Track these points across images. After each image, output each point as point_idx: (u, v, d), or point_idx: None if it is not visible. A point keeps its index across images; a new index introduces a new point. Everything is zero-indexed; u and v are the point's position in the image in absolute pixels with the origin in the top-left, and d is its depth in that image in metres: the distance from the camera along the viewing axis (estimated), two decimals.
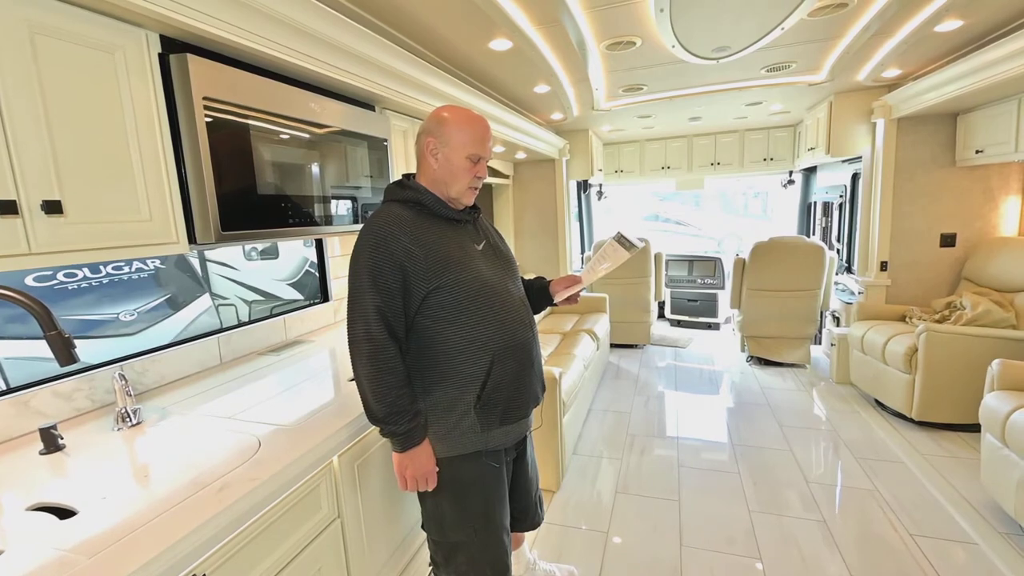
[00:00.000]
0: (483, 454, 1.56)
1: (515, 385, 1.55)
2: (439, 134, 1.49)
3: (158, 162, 1.44)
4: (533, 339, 1.63)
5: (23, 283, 1.57)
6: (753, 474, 3.01)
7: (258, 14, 1.59)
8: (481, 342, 1.48)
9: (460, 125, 1.49)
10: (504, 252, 1.68)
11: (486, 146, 1.53)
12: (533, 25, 2.53)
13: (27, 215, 1.14)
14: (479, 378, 1.49)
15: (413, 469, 1.50)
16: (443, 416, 1.51)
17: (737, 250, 6.83)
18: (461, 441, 1.52)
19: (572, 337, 4.08)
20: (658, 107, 4.57)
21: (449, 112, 1.52)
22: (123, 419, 1.57)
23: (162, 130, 1.44)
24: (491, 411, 1.51)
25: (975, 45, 3.08)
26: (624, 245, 1.71)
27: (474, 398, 1.49)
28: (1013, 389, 2.52)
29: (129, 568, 0.93)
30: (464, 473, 1.55)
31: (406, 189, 1.52)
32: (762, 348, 5.04)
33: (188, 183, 1.51)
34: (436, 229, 1.49)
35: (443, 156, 1.50)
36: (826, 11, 2.54)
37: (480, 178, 1.55)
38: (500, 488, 1.63)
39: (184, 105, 1.46)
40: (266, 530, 1.25)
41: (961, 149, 3.90)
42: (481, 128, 1.52)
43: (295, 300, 2.69)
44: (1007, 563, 2.20)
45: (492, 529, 1.60)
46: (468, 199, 1.56)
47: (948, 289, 4.18)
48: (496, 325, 1.50)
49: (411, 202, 1.51)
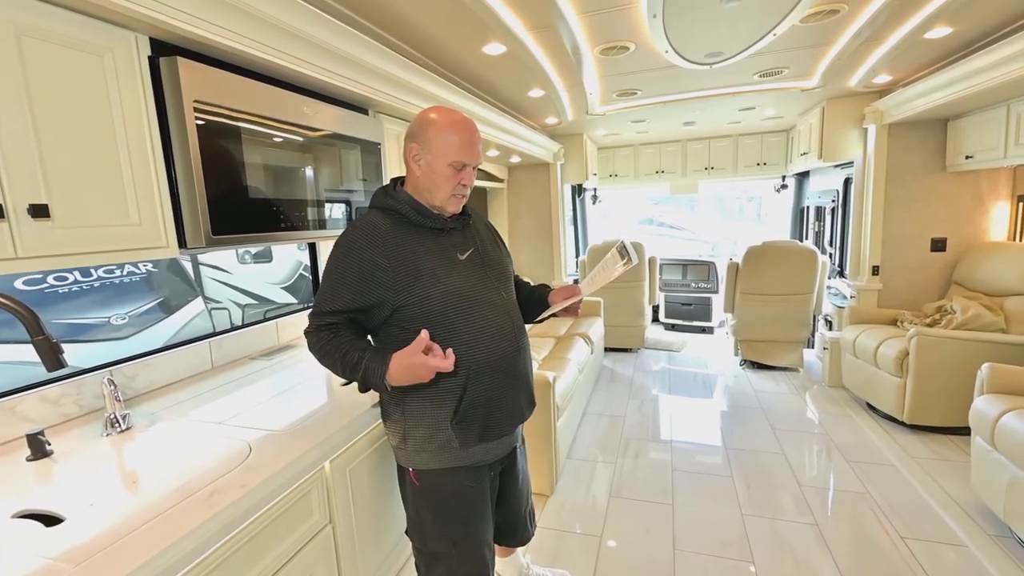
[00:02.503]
0: (462, 470, 1.51)
1: (494, 402, 1.49)
2: (422, 139, 1.42)
3: (147, 165, 1.43)
4: (518, 353, 1.55)
5: (13, 287, 1.56)
6: (746, 477, 3.02)
7: (249, 17, 1.59)
8: (455, 358, 1.37)
9: (443, 130, 1.41)
10: (495, 259, 1.59)
11: (472, 152, 1.45)
12: (527, 30, 2.53)
13: (13, 219, 1.13)
14: (454, 394, 1.43)
15: (411, 372, 1.34)
16: (420, 429, 1.47)
17: (731, 254, 6.85)
18: (439, 456, 1.48)
19: (566, 341, 4.08)
20: (652, 111, 4.59)
21: (434, 114, 1.44)
22: (112, 425, 1.56)
23: (151, 133, 1.43)
24: (468, 428, 1.46)
25: (965, 52, 3.10)
26: (622, 255, 1.67)
27: (450, 413, 1.44)
28: (1002, 392, 2.53)
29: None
30: (443, 486, 1.52)
31: (387, 196, 1.48)
32: (755, 352, 5.05)
33: (178, 187, 1.50)
34: (413, 239, 1.43)
35: (425, 163, 1.43)
36: (818, 17, 2.56)
37: (465, 186, 1.47)
38: (481, 503, 1.57)
39: (174, 108, 1.45)
40: (256, 536, 1.24)
41: (951, 155, 3.94)
42: (466, 133, 1.43)
43: (288, 304, 2.68)
44: (997, 565, 2.21)
45: (471, 544, 1.56)
46: (453, 207, 1.49)
47: (939, 293, 4.20)
48: (472, 340, 1.43)
49: (389, 210, 1.46)
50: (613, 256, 1.67)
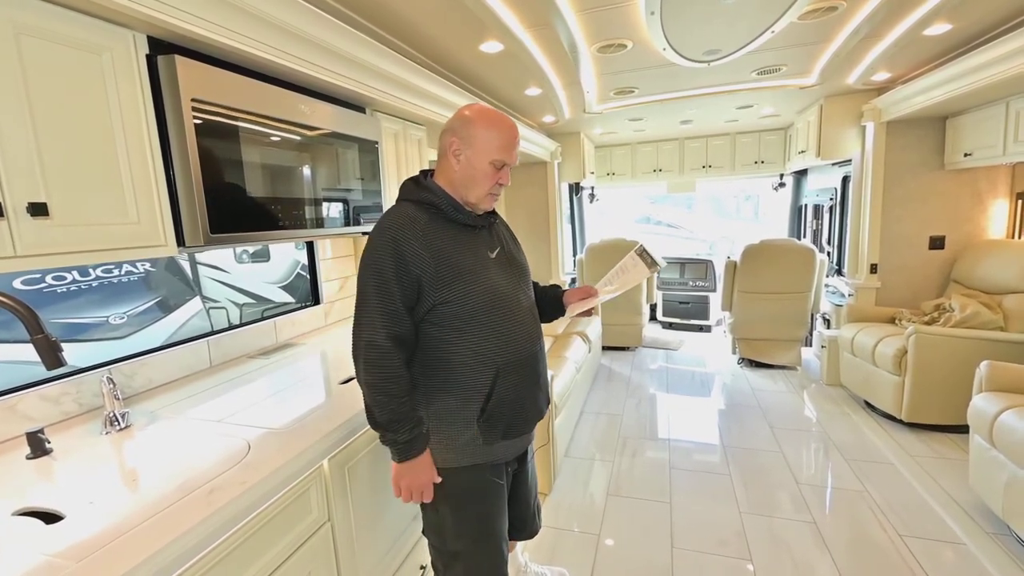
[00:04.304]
0: (485, 467, 1.53)
1: (519, 400, 1.51)
2: (464, 134, 1.43)
3: (146, 164, 1.42)
4: (540, 353, 1.59)
5: (11, 286, 1.56)
6: (744, 476, 3.03)
7: (247, 16, 1.59)
8: (486, 356, 1.43)
9: (487, 127, 1.42)
10: (518, 260, 1.62)
11: (513, 152, 1.46)
12: (524, 28, 2.53)
13: (12, 217, 1.13)
14: (483, 391, 1.45)
15: (409, 480, 1.46)
16: (445, 427, 1.47)
17: (729, 253, 6.86)
18: (463, 453, 1.49)
19: (564, 340, 4.09)
20: (649, 110, 4.59)
21: (476, 112, 1.44)
22: (111, 423, 1.56)
23: (150, 132, 1.43)
24: (494, 425, 1.48)
25: (963, 49, 3.11)
26: (645, 260, 1.62)
27: (477, 411, 1.46)
28: (1001, 391, 2.54)
29: (116, 573, 0.92)
30: (465, 484, 1.53)
31: (422, 189, 1.46)
32: (753, 350, 5.06)
33: (176, 185, 1.50)
34: (449, 234, 1.43)
35: (466, 158, 1.43)
36: (816, 14, 2.56)
37: (502, 185, 1.48)
38: (500, 500, 1.60)
39: (172, 107, 1.45)
40: (255, 534, 1.24)
41: (950, 152, 3.94)
42: (510, 133, 1.45)
43: (286, 303, 2.68)
44: (995, 563, 2.22)
45: (491, 540, 1.58)
46: (487, 205, 1.50)
47: (937, 291, 4.21)
48: (503, 339, 1.45)
49: (425, 203, 1.44)
50: (633, 259, 1.63)
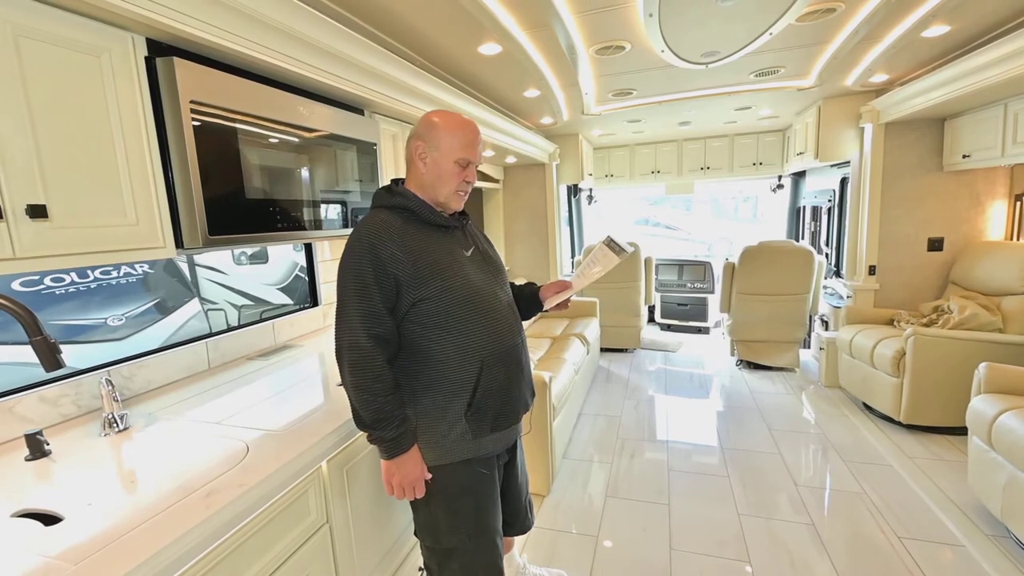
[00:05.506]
0: (475, 461, 1.55)
1: (505, 392, 1.54)
2: (428, 138, 1.49)
3: (145, 166, 1.43)
4: (522, 345, 1.63)
5: (10, 288, 1.56)
6: (742, 477, 3.03)
7: (245, 17, 1.59)
8: (470, 349, 1.47)
9: (449, 129, 1.49)
10: (493, 258, 1.67)
11: (475, 151, 1.53)
12: (522, 29, 2.54)
13: (11, 219, 1.13)
14: (468, 385, 1.48)
15: (400, 476, 1.48)
16: (434, 424, 1.50)
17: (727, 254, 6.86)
18: (452, 449, 1.51)
19: (562, 341, 4.09)
20: (648, 111, 4.60)
21: (439, 116, 1.51)
22: (110, 425, 1.56)
23: (149, 134, 1.43)
24: (482, 418, 1.51)
25: (962, 50, 3.11)
26: (614, 249, 1.71)
27: (464, 405, 1.48)
28: (1000, 392, 2.54)
29: (114, 575, 0.92)
30: (456, 480, 1.54)
31: (394, 195, 1.51)
32: (751, 352, 5.06)
33: (175, 187, 1.50)
34: (424, 235, 1.48)
35: (432, 160, 1.50)
36: (814, 16, 2.57)
37: (469, 183, 1.55)
38: (492, 493, 1.62)
39: (171, 109, 1.46)
40: (253, 536, 1.24)
41: (948, 154, 3.95)
42: (470, 132, 1.52)
43: (285, 304, 2.68)
44: (994, 565, 2.22)
45: (485, 534, 1.59)
46: (457, 204, 1.56)
47: (936, 293, 4.22)
48: (485, 332, 1.49)
49: (399, 208, 1.49)
50: (602, 249, 1.71)
